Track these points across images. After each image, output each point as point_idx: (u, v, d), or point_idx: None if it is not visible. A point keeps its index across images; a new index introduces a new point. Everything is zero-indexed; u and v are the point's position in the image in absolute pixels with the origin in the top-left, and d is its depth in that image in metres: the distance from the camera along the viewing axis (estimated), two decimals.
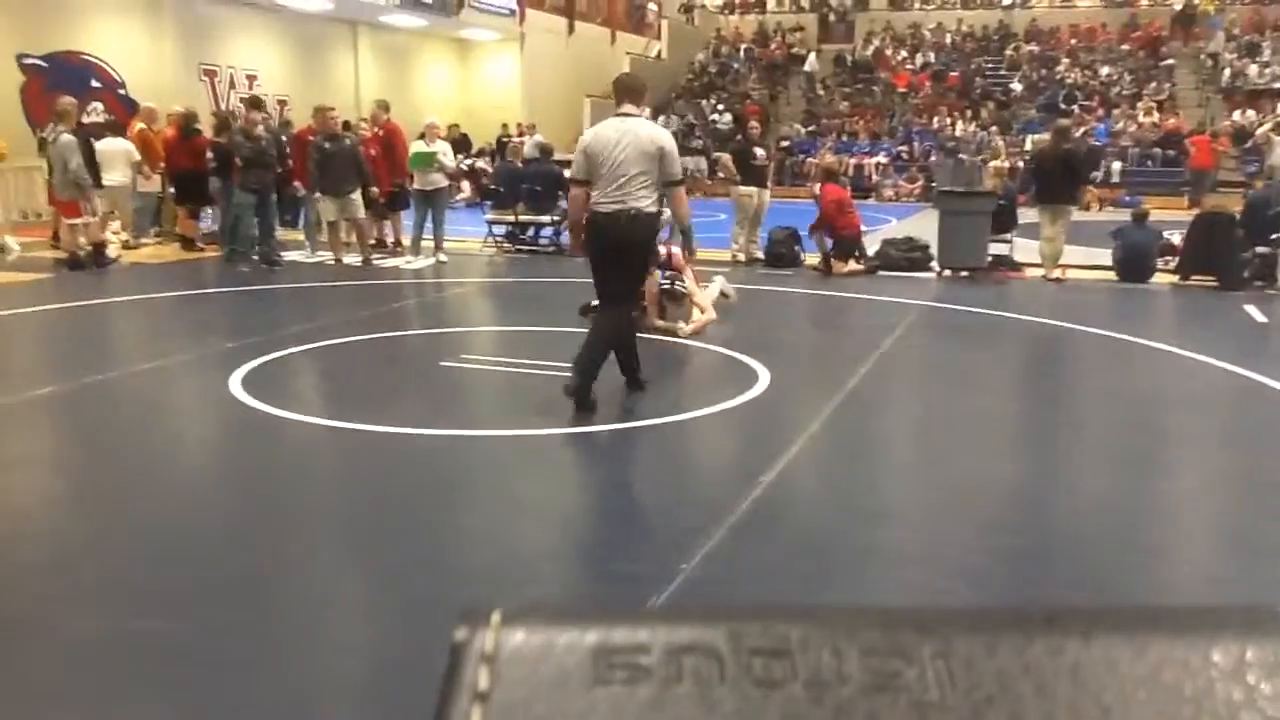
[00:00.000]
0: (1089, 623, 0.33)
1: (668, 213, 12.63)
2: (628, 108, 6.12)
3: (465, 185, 20.19)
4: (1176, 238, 12.12)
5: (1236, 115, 24.53)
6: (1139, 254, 11.67)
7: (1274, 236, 10.93)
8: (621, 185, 5.88)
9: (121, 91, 17.79)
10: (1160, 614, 0.33)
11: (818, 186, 12.93)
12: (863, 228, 12.70)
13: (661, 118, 27.82)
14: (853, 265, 12.12)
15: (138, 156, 13.40)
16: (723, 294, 9.43)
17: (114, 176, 12.95)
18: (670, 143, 6.10)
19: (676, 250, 8.73)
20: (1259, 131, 14.53)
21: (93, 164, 12.25)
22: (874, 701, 0.31)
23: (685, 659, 0.32)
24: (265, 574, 3.92)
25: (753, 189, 12.59)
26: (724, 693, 0.31)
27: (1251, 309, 9.96)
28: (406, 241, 13.31)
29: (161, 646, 3.32)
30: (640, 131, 5.98)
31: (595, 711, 0.31)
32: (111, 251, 12.46)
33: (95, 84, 17.49)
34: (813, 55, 30.86)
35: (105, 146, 13.01)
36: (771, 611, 0.33)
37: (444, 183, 12.56)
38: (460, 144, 24.10)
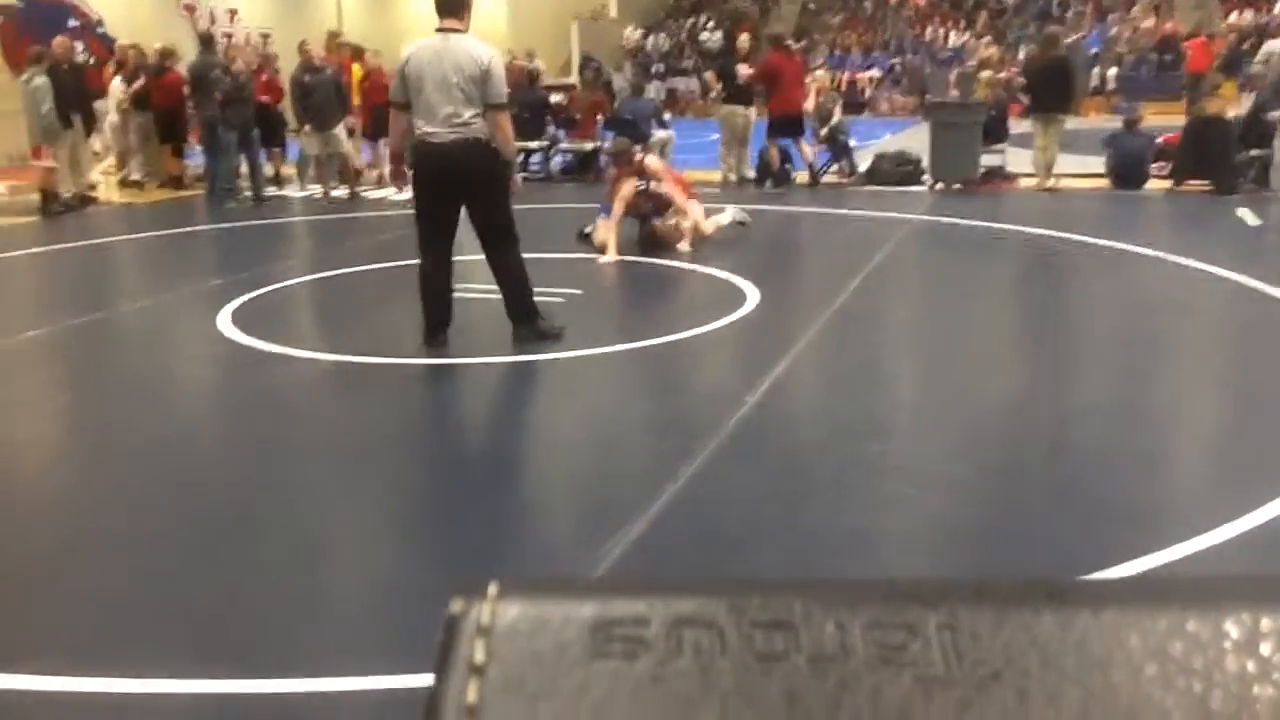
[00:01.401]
0: (1097, 595, 0.32)
1: (660, 134, 12.59)
2: (450, 23, 5.56)
3: None
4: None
5: (1234, 17, 24.12)
6: (1132, 161, 11.57)
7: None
8: (450, 111, 5.40)
9: (100, 30, 17.52)
10: (1170, 585, 0.33)
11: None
12: (834, 113, 12.62)
13: (651, 36, 27.45)
14: (831, 176, 12.07)
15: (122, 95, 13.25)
16: (738, 222, 9.26)
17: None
18: (496, 61, 5.60)
19: (654, 160, 8.65)
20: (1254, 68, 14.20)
21: (82, 101, 12.10)
22: (878, 675, 0.30)
23: (685, 632, 0.31)
24: (255, 508, 3.95)
25: (738, 107, 12.43)
26: (725, 666, 0.31)
27: (1245, 213, 9.89)
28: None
29: (157, 588, 3.36)
30: (465, 49, 5.49)
31: (594, 685, 0.30)
32: (98, 192, 12.37)
33: (73, 23, 17.22)
34: None
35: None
36: (774, 584, 0.33)
37: None
38: None
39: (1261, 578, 0.33)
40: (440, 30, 5.57)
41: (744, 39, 13.56)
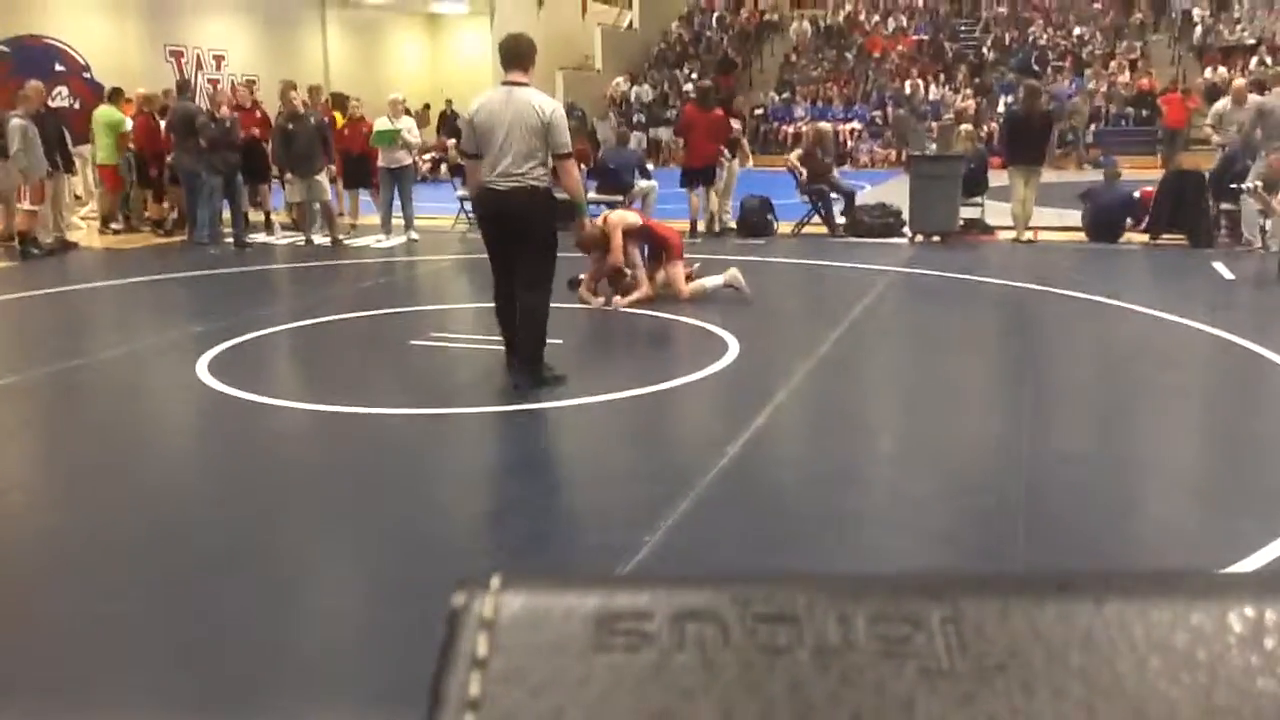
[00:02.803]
0: (1101, 588, 0.32)
1: (643, 184, 12.65)
2: (515, 75, 5.78)
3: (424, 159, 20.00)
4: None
5: (1209, 72, 24.56)
6: (1109, 214, 11.70)
7: (1234, 187, 10.95)
8: (511, 160, 5.60)
9: (86, 75, 17.59)
10: (1174, 579, 0.33)
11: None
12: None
13: (635, 87, 27.72)
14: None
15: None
16: (731, 286, 8.62)
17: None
18: (559, 113, 5.79)
19: (616, 216, 8.61)
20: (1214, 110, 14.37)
21: (61, 147, 12.12)
22: (881, 669, 0.30)
23: (689, 625, 0.31)
24: (235, 557, 3.91)
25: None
26: (728, 659, 0.30)
27: (1220, 266, 10.01)
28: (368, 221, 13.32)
29: (136, 629, 3.32)
30: (528, 101, 5.66)
31: (596, 678, 0.30)
32: (75, 237, 12.35)
33: (60, 67, 17.30)
34: (795, 24, 30.79)
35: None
36: (777, 577, 0.33)
37: (408, 160, 12.46)
38: (449, 122, 23.95)
39: (1265, 572, 0.33)
40: (506, 83, 5.82)
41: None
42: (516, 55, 5.80)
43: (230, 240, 12.19)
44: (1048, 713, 0.29)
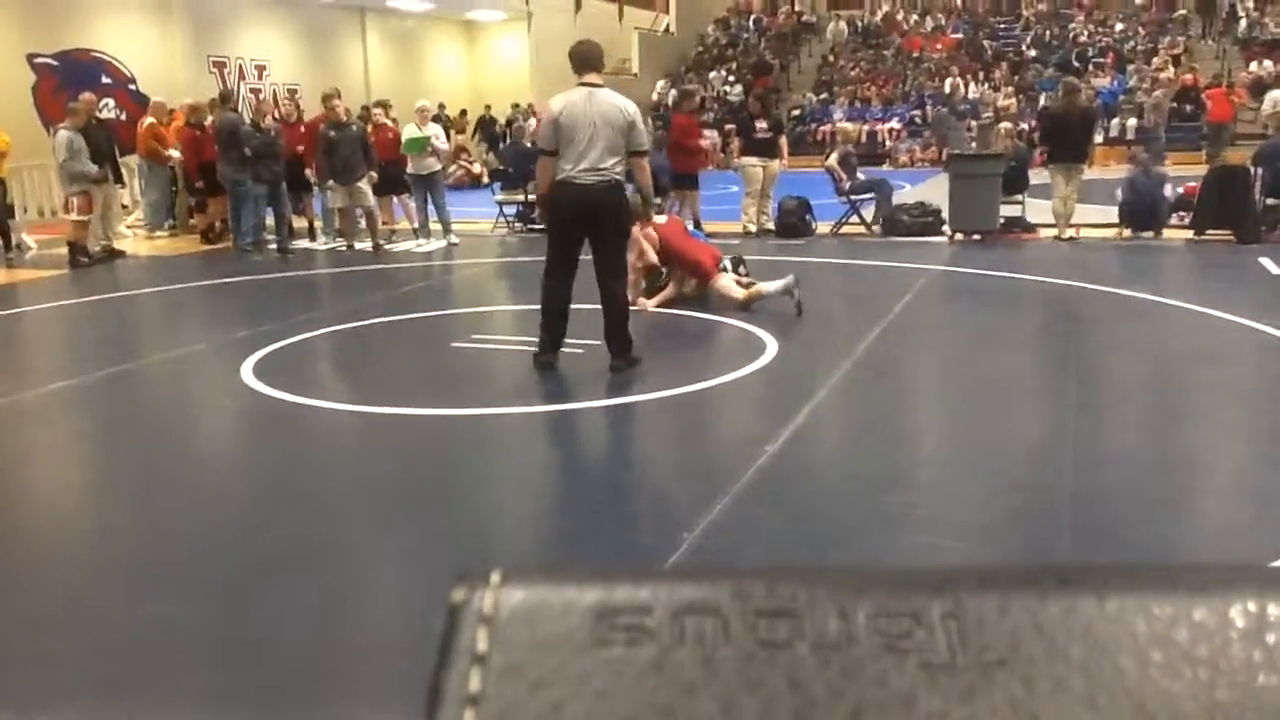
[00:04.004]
0: (1103, 583, 0.32)
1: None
2: (591, 77, 6.14)
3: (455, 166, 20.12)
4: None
5: (1254, 66, 24.19)
6: (1148, 202, 11.54)
7: None
8: (596, 156, 5.92)
9: (132, 87, 17.88)
10: (1176, 573, 0.33)
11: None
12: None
13: (673, 91, 27.70)
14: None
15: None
16: (785, 293, 8.13)
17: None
18: (638, 114, 6.20)
19: (661, 220, 8.60)
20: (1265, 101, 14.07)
21: (110, 158, 12.32)
22: (882, 663, 0.30)
23: (689, 620, 0.31)
24: (284, 558, 3.96)
25: (756, 160, 12.55)
26: (728, 654, 0.30)
27: (1267, 261, 9.85)
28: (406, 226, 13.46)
29: (189, 630, 3.38)
30: (611, 102, 6.05)
31: (596, 674, 0.30)
32: (123, 245, 12.56)
33: (106, 80, 17.58)
34: (832, 25, 30.66)
35: None
36: (778, 572, 0.33)
37: (437, 166, 12.58)
38: (486, 127, 24.12)
39: (1268, 567, 0.33)
40: (582, 84, 6.12)
41: (754, 99, 13.73)
42: (592, 59, 6.20)
43: (274, 247, 12.33)
44: (1049, 707, 0.29)
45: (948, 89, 25.85)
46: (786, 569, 0.33)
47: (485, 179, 19.53)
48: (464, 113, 24.59)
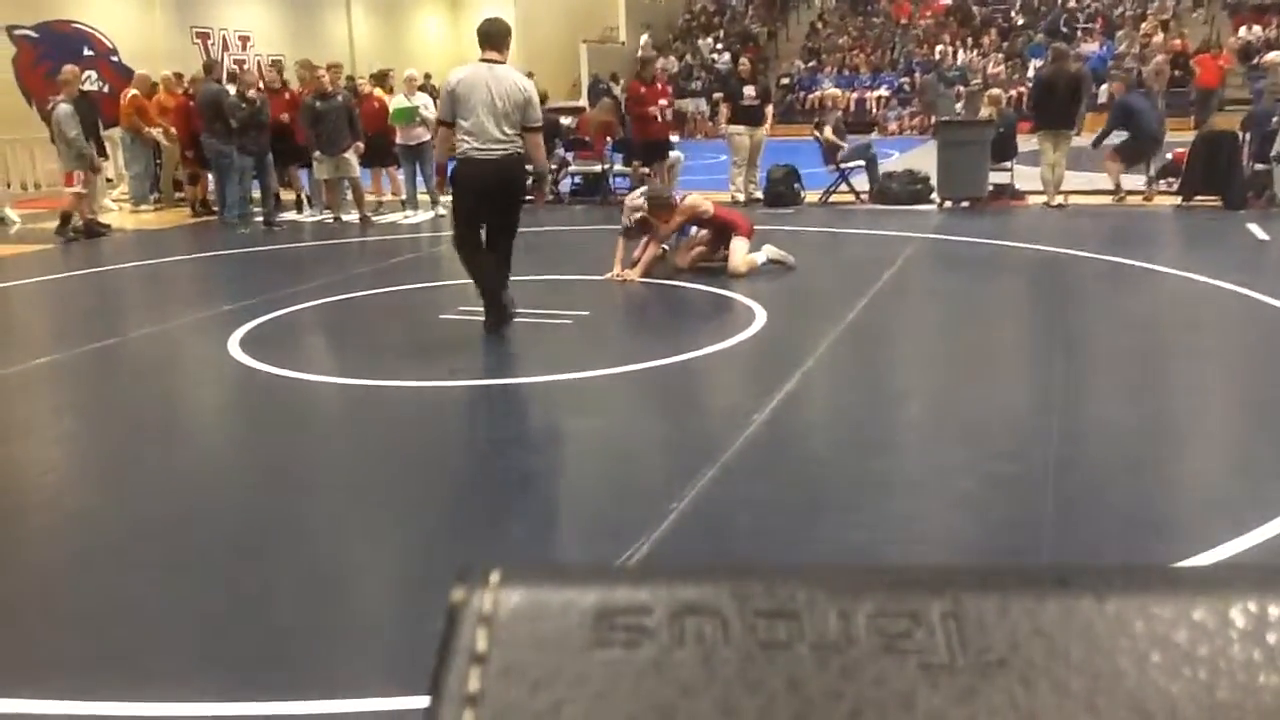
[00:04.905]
0: (1102, 583, 0.32)
1: (669, 155, 12.60)
2: (491, 54, 6.33)
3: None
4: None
5: (1242, 31, 24.13)
6: (1146, 124, 11.49)
7: (1274, 154, 10.78)
8: (494, 128, 6.13)
9: (114, 59, 17.71)
10: (1176, 574, 0.33)
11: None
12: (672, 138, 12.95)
13: (661, 60, 27.54)
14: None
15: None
16: (775, 260, 8.60)
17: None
18: (534, 90, 6.47)
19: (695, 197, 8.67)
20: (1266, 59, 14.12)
21: (95, 131, 12.21)
22: (882, 664, 0.30)
23: (688, 620, 0.31)
24: (268, 533, 3.96)
25: (743, 128, 12.50)
26: (728, 655, 0.30)
27: (1254, 228, 9.87)
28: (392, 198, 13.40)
29: (171, 606, 3.38)
30: (509, 78, 6.29)
31: (596, 674, 0.30)
32: (107, 219, 12.47)
33: (88, 52, 17.41)
34: None
35: None
36: (777, 572, 0.33)
37: (426, 136, 12.46)
38: None
39: (1268, 566, 0.33)
40: (484, 60, 6.32)
41: (744, 61, 13.64)
42: (494, 37, 6.38)
43: (260, 219, 12.26)
44: (1049, 708, 0.29)
45: (937, 56, 25.76)
46: (786, 569, 0.33)
47: None
48: None
